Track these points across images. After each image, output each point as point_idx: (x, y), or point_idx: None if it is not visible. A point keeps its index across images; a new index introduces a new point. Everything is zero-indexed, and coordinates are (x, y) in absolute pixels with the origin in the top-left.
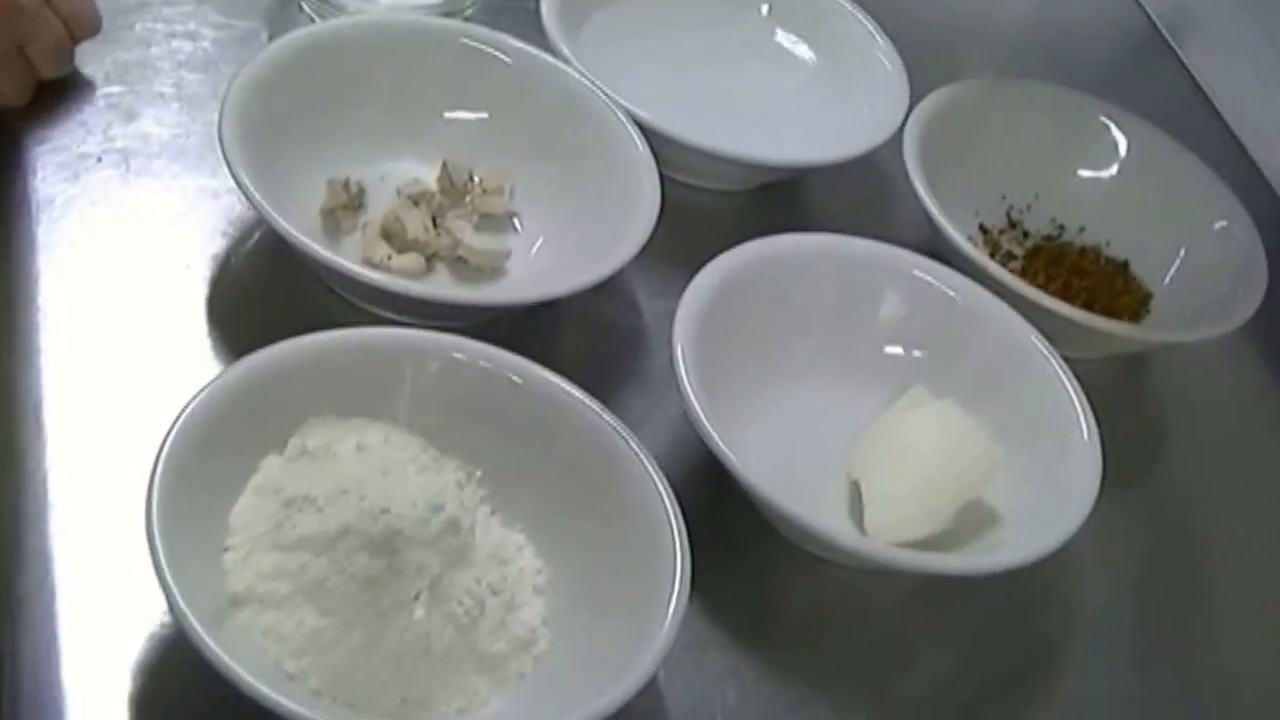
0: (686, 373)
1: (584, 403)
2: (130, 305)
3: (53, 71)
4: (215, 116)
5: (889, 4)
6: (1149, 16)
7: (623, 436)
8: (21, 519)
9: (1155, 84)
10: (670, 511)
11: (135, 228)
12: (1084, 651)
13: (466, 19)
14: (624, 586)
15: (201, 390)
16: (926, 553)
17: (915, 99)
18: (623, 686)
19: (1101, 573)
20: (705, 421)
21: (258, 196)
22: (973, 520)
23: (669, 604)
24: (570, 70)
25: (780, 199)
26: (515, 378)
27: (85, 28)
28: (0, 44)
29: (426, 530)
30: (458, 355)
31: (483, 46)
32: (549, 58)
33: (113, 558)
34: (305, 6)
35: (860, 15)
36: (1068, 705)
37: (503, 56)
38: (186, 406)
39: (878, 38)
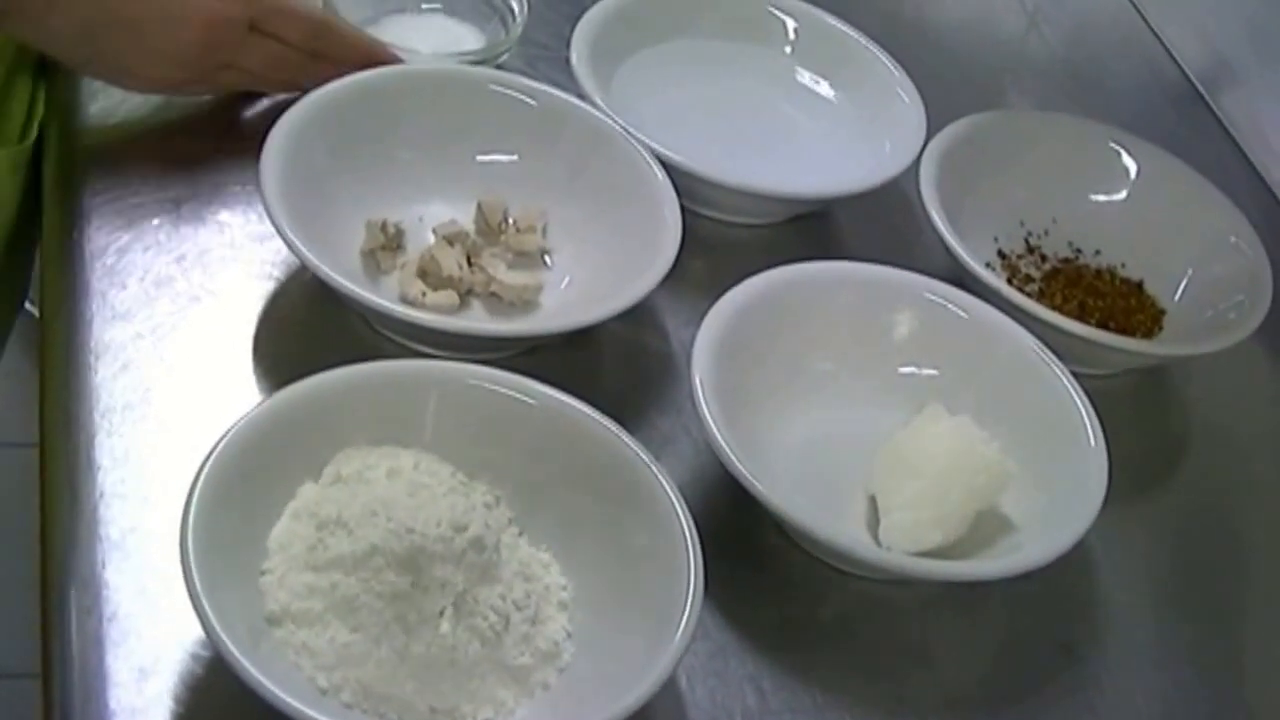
0: (705, 397)
1: (603, 425)
2: (179, 344)
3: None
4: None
5: (928, 41)
6: (1180, 66)
7: (641, 457)
8: (73, 548)
9: (1180, 119)
10: (685, 525)
11: (185, 271)
12: (1104, 653)
13: (499, 66)
14: (644, 600)
15: (238, 421)
16: (942, 560)
17: (936, 130)
18: (640, 689)
19: (1121, 577)
20: (723, 443)
21: (296, 241)
22: (987, 528)
23: (684, 614)
24: (594, 111)
25: (807, 231)
26: (530, 401)
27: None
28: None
29: (450, 548)
30: (482, 384)
31: (511, 92)
32: (575, 100)
33: (159, 583)
34: None
35: (879, 52)
36: (1090, 706)
37: (530, 100)
38: (223, 437)
39: (896, 73)
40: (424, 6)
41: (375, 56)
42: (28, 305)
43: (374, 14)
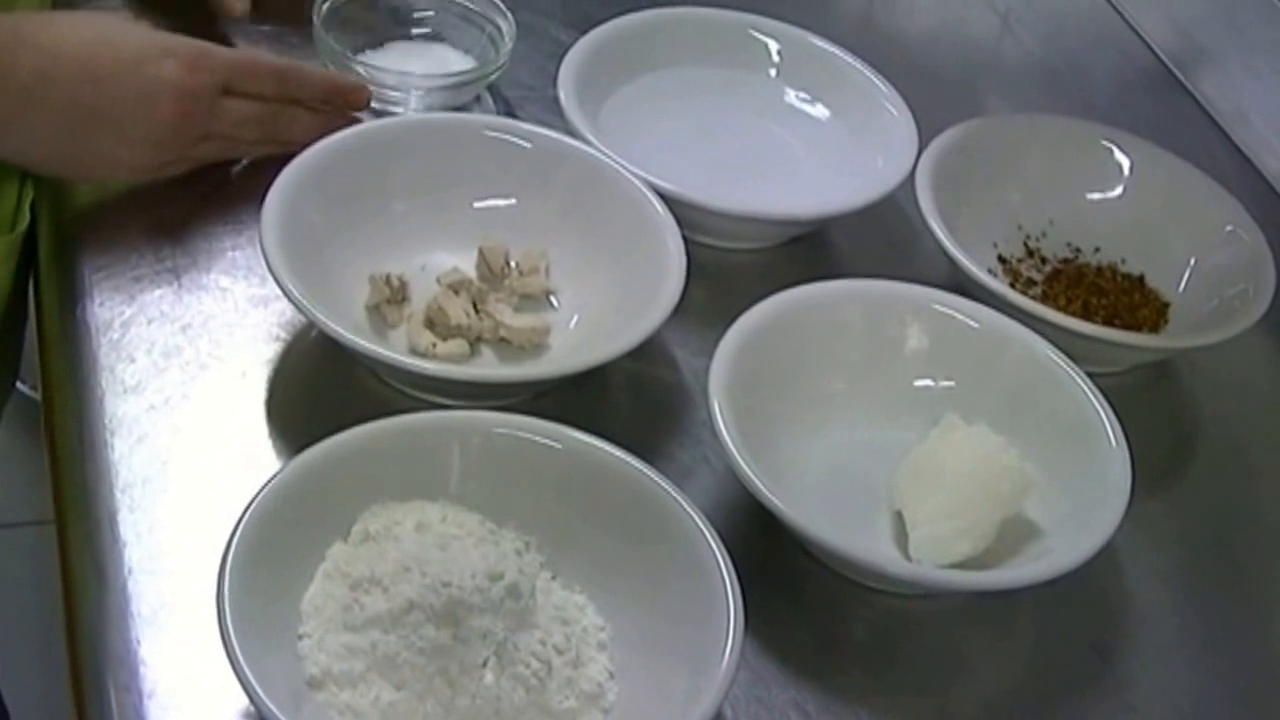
0: (725, 425)
1: (624, 461)
2: (193, 414)
3: None
4: (257, 228)
5: (903, 51)
6: (1156, 54)
7: (668, 490)
8: (106, 626)
9: (1162, 109)
10: (719, 558)
11: (191, 340)
12: (1138, 652)
13: (490, 87)
14: (683, 633)
15: (263, 487)
16: (972, 571)
17: (926, 141)
18: None
19: (1147, 575)
20: (748, 470)
21: (305, 302)
22: (1014, 536)
23: (726, 645)
24: (588, 148)
25: (807, 251)
26: (555, 444)
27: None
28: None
29: (487, 598)
30: (502, 430)
31: (504, 136)
32: (567, 139)
33: (195, 656)
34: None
35: (864, 68)
36: (1129, 706)
37: (523, 143)
38: (250, 504)
39: (882, 87)
40: (415, 33)
41: (344, 91)
42: (20, 385)
43: (368, 42)
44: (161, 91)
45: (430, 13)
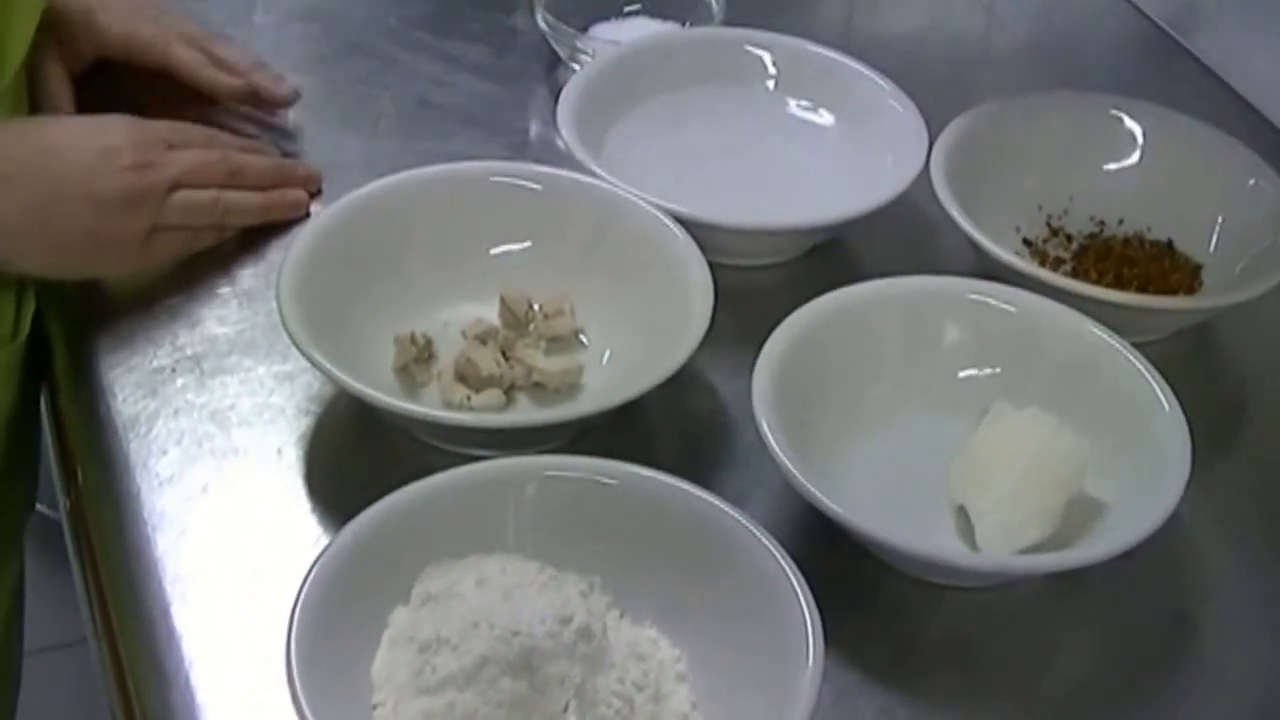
0: (777, 441)
1: (682, 489)
2: (231, 500)
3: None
4: (273, 305)
5: (892, 52)
6: (1149, 18)
7: (728, 512)
8: None
9: (1162, 73)
10: (790, 573)
11: (221, 427)
12: (1218, 620)
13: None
14: (761, 655)
15: (318, 558)
16: (1045, 554)
17: (934, 135)
18: None
19: (1218, 540)
20: (805, 482)
21: (335, 371)
22: (1079, 516)
23: (807, 663)
24: (599, 183)
25: (828, 260)
26: (611, 480)
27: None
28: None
29: (560, 642)
30: (553, 473)
31: (512, 180)
32: (577, 176)
33: None
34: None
35: (863, 68)
36: (1217, 674)
37: (534, 185)
38: (307, 576)
39: (884, 85)
40: (626, 10)
41: (293, 179)
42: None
43: (583, 23)
44: (111, 201)
45: None
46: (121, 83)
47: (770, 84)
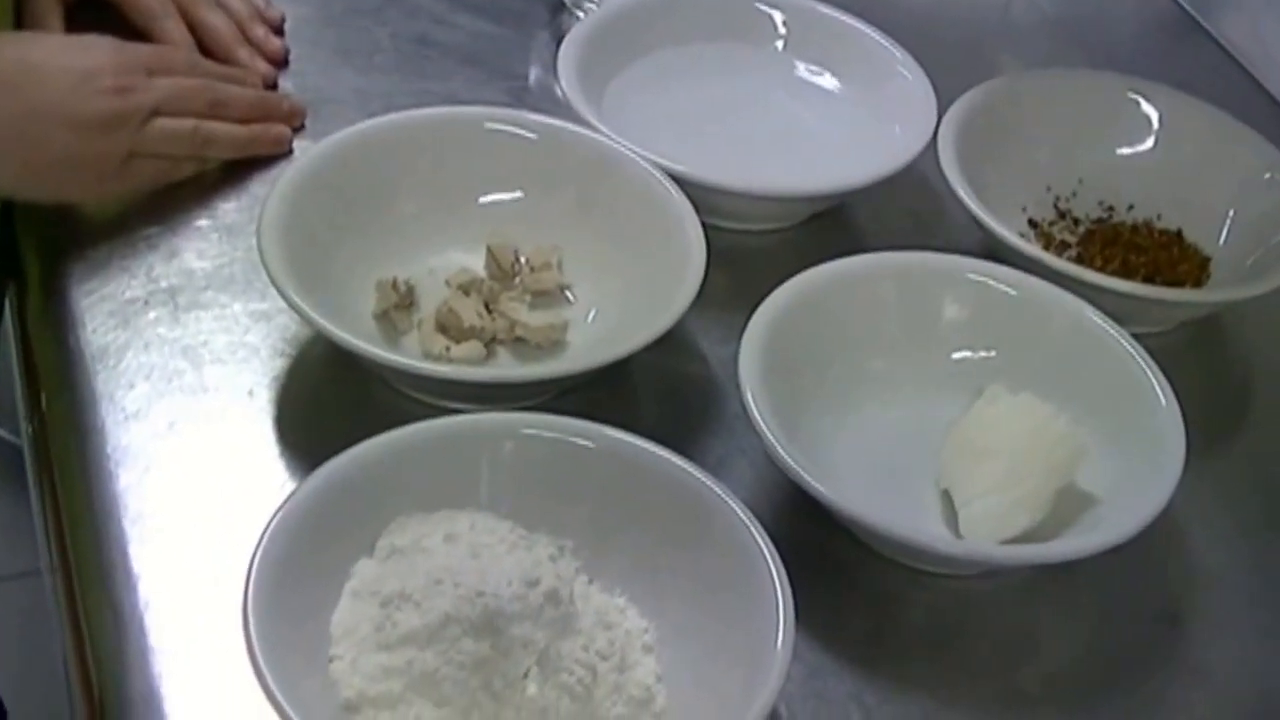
0: (760, 412)
1: (661, 456)
2: (199, 439)
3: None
4: (254, 241)
5: (908, 19)
6: None
7: (706, 483)
8: (126, 667)
9: (1184, 56)
10: (765, 549)
11: (192, 363)
12: (1204, 617)
13: None
14: (731, 630)
15: (282, 506)
16: (1028, 545)
17: (944, 106)
18: None
19: (1210, 537)
20: (787, 456)
21: (312, 313)
22: (1069, 506)
23: (777, 640)
24: (595, 135)
25: (828, 228)
26: (588, 443)
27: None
28: None
29: (526, 606)
30: (530, 431)
31: (507, 127)
32: (573, 127)
33: (222, 688)
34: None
35: (876, 33)
36: (1202, 671)
37: (529, 134)
38: (270, 524)
39: (895, 52)
40: None
41: (277, 112)
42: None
43: None
44: (89, 123)
45: None
46: (115, 9)
47: (779, 44)
